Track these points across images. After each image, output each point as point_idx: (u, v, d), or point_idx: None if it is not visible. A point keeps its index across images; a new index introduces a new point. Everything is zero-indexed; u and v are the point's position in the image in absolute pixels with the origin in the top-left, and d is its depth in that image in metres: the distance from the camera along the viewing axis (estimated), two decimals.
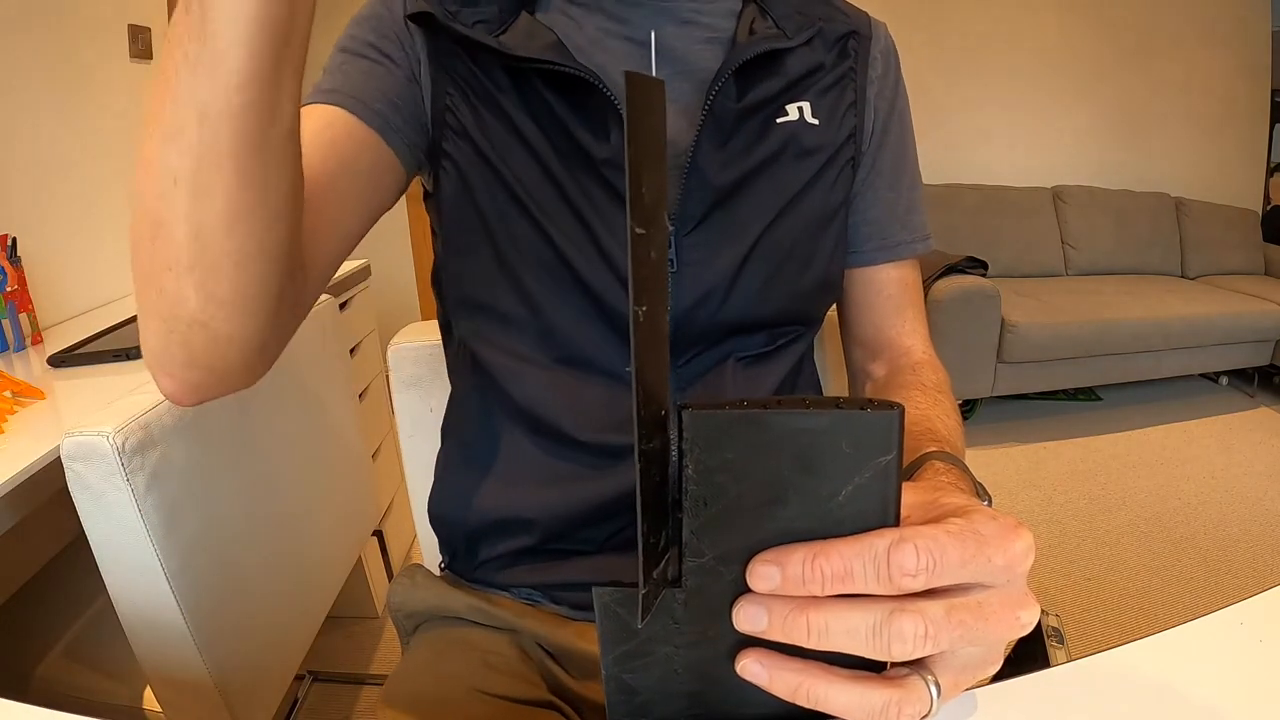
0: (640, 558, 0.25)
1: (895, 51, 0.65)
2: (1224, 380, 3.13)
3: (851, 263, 0.65)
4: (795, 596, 0.27)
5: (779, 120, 0.57)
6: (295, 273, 0.41)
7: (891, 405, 0.25)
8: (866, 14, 0.65)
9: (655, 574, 0.27)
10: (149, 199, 0.35)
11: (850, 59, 0.61)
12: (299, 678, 1.41)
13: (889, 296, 0.66)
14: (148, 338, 0.40)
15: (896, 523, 0.27)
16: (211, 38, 0.31)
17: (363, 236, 0.53)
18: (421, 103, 0.55)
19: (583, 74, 0.51)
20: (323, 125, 0.49)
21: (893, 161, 0.64)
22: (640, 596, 0.26)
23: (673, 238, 0.54)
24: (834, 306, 0.69)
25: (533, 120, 0.53)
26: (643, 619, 0.26)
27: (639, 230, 0.23)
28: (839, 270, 0.63)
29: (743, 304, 0.57)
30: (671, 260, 0.54)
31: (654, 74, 0.46)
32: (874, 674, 0.28)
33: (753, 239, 0.56)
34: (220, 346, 0.39)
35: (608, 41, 0.56)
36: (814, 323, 0.65)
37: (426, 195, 0.61)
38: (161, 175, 0.34)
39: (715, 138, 0.54)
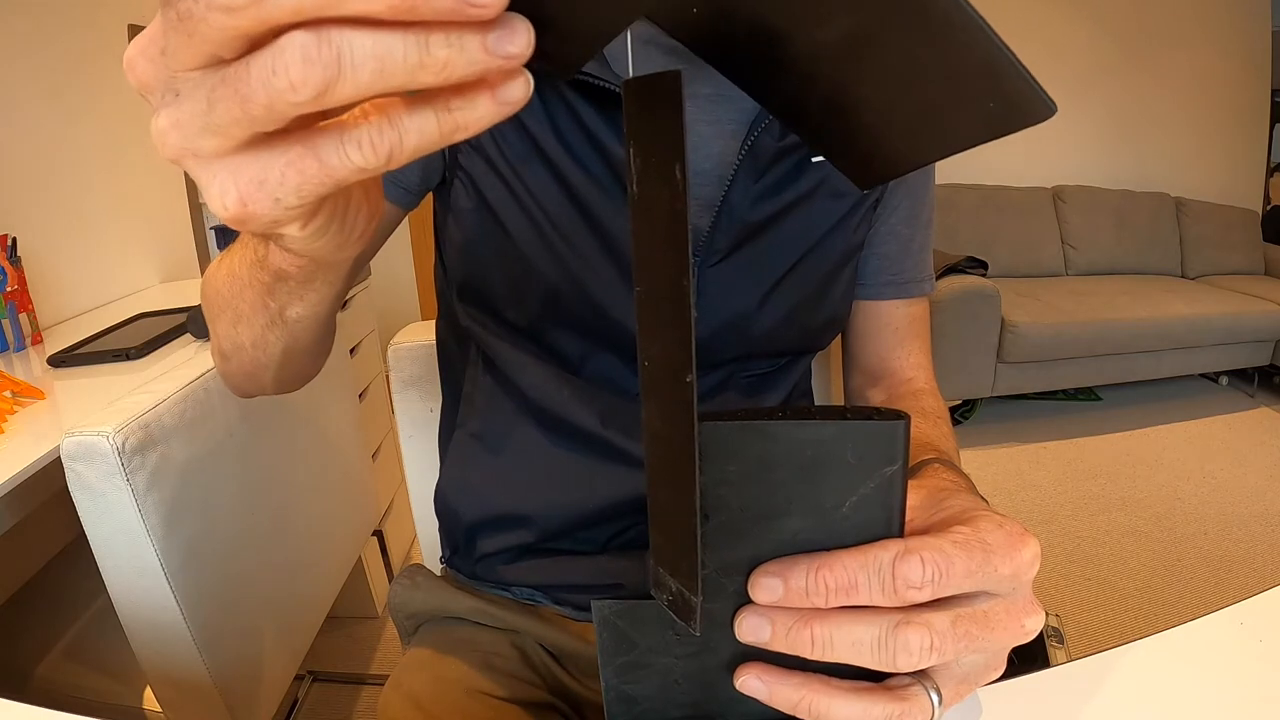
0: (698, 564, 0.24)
1: None
2: (1224, 380, 3.13)
3: (859, 295, 0.64)
4: (799, 608, 0.26)
5: (814, 160, 0.56)
6: None
7: (898, 415, 0.25)
8: None
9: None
10: (233, 367, 0.47)
11: None
12: (299, 678, 1.41)
13: (895, 330, 0.65)
14: (223, 377, 0.52)
15: (901, 534, 0.27)
16: (283, 312, 0.37)
17: None
18: None
19: (615, 87, 0.49)
20: None
21: (913, 199, 0.63)
22: (699, 605, 0.25)
23: (696, 269, 0.53)
24: None
25: (555, 135, 0.51)
26: (699, 628, 0.25)
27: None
28: (848, 307, 0.63)
29: (755, 339, 0.56)
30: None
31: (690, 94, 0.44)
32: (875, 684, 0.28)
33: (776, 277, 0.55)
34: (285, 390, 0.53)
35: (647, 50, 0.52)
36: (818, 350, 0.65)
37: (436, 195, 0.59)
38: (248, 357, 0.44)
39: (752, 173, 0.53)
